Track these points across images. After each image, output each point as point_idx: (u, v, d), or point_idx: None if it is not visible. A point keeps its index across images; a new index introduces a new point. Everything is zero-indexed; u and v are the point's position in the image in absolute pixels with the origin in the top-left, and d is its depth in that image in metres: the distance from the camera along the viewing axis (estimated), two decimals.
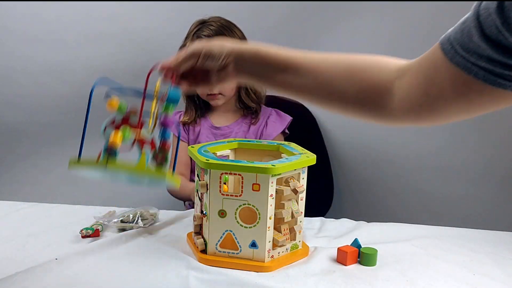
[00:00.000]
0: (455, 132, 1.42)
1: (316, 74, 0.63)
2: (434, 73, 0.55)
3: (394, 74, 0.60)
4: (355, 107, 0.63)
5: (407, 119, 0.60)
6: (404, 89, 0.58)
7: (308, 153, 0.87)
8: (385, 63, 0.62)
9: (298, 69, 0.65)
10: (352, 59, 0.63)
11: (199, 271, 0.79)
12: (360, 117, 0.64)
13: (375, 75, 0.61)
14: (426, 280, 0.78)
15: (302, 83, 0.65)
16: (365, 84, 0.61)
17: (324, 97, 0.65)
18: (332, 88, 0.63)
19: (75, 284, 0.74)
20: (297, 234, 0.85)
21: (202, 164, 0.80)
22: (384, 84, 0.60)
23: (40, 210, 1.07)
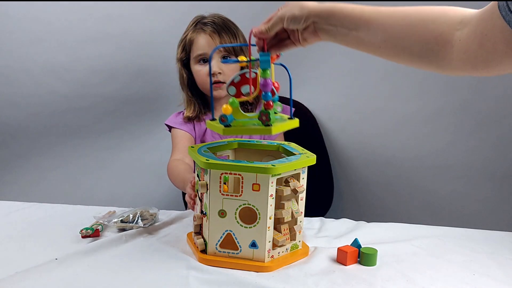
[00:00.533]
0: (455, 132, 1.42)
1: (385, 29, 0.68)
2: (490, 28, 0.57)
3: (456, 26, 0.62)
4: (419, 58, 0.66)
5: (464, 69, 0.63)
6: (463, 40, 0.61)
7: (308, 153, 0.87)
8: (450, 14, 0.64)
9: (369, 25, 0.69)
10: (418, 11, 0.66)
11: (199, 271, 0.79)
12: (422, 67, 0.68)
13: (439, 27, 0.63)
14: (426, 280, 0.78)
15: (372, 39, 0.69)
16: (429, 36, 0.64)
17: (392, 51, 0.69)
18: (398, 42, 0.67)
19: (75, 284, 0.74)
20: (297, 234, 0.85)
21: (202, 164, 0.80)
22: (446, 35, 0.62)
23: (40, 210, 1.07)
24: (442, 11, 0.65)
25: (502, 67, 0.59)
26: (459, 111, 1.40)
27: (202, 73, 1.21)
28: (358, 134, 1.55)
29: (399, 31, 0.66)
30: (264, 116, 0.75)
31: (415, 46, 0.65)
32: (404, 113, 1.48)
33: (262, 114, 0.75)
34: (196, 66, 1.22)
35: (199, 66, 1.21)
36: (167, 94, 1.61)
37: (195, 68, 1.22)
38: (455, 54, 0.62)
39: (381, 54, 0.71)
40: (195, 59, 1.21)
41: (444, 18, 0.63)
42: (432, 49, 0.64)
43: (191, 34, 1.22)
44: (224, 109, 0.77)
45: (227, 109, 0.77)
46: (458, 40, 0.61)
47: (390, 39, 0.67)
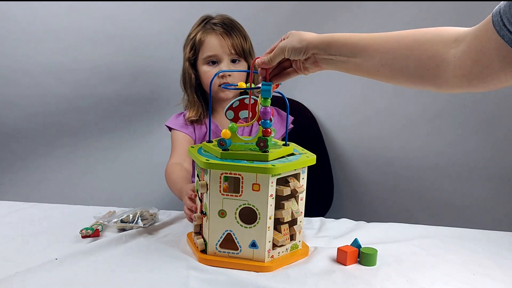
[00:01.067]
0: (455, 132, 1.42)
1: (381, 53, 0.70)
2: (485, 43, 0.58)
3: (451, 44, 0.63)
4: (416, 79, 0.68)
5: (460, 86, 0.64)
6: (458, 57, 0.61)
7: (308, 153, 0.87)
8: (444, 33, 0.65)
9: (366, 51, 0.71)
10: (412, 34, 0.68)
11: (199, 271, 0.79)
12: (419, 87, 0.70)
13: (434, 47, 0.65)
14: (426, 280, 0.78)
15: (370, 64, 0.72)
16: (424, 56, 0.65)
17: (390, 74, 0.71)
18: (395, 65, 0.69)
19: (75, 284, 0.74)
20: (297, 234, 0.85)
21: (202, 164, 0.80)
22: (441, 54, 0.64)
23: (40, 210, 1.07)
24: (436, 31, 0.66)
25: (498, 81, 0.59)
26: (459, 112, 1.40)
27: (210, 75, 1.18)
28: (358, 134, 1.55)
29: (395, 54, 0.68)
30: (262, 143, 0.80)
31: (411, 67, 0.67)
32: (404, 114, 1.48)
33: (260, 140, 0.80)
34: (204, 67, 1.19)
35: (207, 67, 1.19)
36: (167, 95, 1.61)
37: (203, 69, 1.20)
38: (451, 71, 0.63)
39: (380, 78, 0.73)
40: (204, 60, 1.19)
41: (438, 37, 0.65)
42: (428, 69, 0.65)
43: (200, 34, 1.19)
44: (223, 133, 0.80)
45: (226, 133, 0.80)
46: (453, 57, 0.62)
47: (387, 63, 0.69)
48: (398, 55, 0.68)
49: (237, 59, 1.19)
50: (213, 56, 1.17)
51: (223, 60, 1.17)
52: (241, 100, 0.86)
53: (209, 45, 1.17)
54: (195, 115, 1.23)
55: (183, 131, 1.24)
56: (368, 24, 1.46)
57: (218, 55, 1.17)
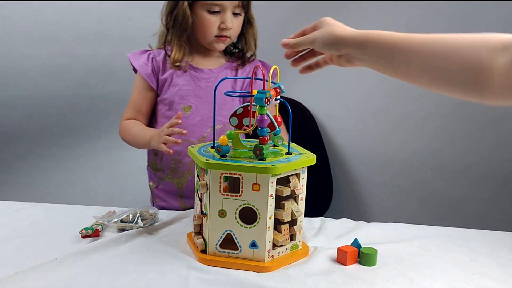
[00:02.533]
0: (456, 132, 1.42)
1: (422, 57, 0.65)
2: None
3: (498, 52, 0.59)
4: (458, 87, 0.64)
5: (506, 97, 0.60)
6: (504, 66, 0.58)
7: (308, 153, 0.87)
8: (490, 40, 0.61)
9: (405, 54, 0.67)
10: (455, 38, 0.64)
11: (199, 271, 0.79)
12: (460, 95, 0.65)
13: (479, 54, 0.60)
14: (426, 280, 0.78)
15: (409, 68, 0.68)
16: (468, 63, 0.61)
17: (428, 80, 0.67)
18: (436, 70, 0.65)
19: (75, 284, 0.74)
20: (297, 234, 0.85)
21: (202, 164, 0.80)
22: (487, 61, 0.60)
23: (40, 210, 1.07)
24: (481, 37, 0.62)
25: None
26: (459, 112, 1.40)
27: (211, 22, 1.09)
28: (358, 134, 1.55)
29: (436, 59, 0.64)
30: (258, 151, 0.79)
31: (453, 74, 0.62)
32: (404, 113, 1.48)
33: (257, 148, 0.79)
34: (204, 13, 1.10)
35: (208, 15, 1.09)
36: None
37: (202, 15, 1.10)
38: (498, 81, 0.59)
39: (419, 83, 0.69)
40: (205, 6, 1.09)
41: (484, 43, 0.61)
42: (472, 77, 0.61)
43: None
44: (221, 140, 0.80)
45: (224, 140, 0.80)
46: (501, 66, 0.58)
47: (427, 67, 0.65)
48: (440, 60, 0.64)
49: (239, 12, 1.12)
50: (217, 5, 1.08)
51: (226, 11, 1.09)
52: (245, 107, 0.86)
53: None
54: (179, 57, 1.14)
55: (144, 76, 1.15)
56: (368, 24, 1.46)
57: (222, 5, 1.08)
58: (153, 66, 1.16)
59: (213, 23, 1.10)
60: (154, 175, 1.23)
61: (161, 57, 1.17)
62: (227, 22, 1.09)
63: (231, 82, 1.18)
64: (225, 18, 1.09)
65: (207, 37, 1.13)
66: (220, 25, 1.10)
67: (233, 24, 1.11)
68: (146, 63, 1.16)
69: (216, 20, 1.10)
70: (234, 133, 0.84)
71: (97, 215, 0.99)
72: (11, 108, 1.63)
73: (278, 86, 0.83)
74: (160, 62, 1.17)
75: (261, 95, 0.77)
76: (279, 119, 0.88)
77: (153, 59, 1.17)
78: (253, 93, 0.79)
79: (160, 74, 1.17)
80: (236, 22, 1.12)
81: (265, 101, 0.77)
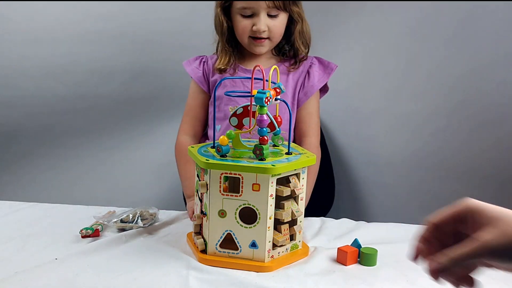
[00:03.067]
0: (456, 132, 1.42)
1: None
2: None
3: None
4: None
5: None
6: None
7: (308, 153, 0.87)
8: None
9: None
10: None
11: (199, 271, 0.79)
12: None
13: None
14: (426, 280, 0.78)
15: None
16: None
17: None
18: None
19: (75, 284, 0.74)
20: (297, 234, 0.85)
21: (202, 164, 0.80)
22: None
23: (40, 210, 1.07)
24: None
25: None
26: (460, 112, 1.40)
27: (243, 26, 1.11)
28: (359, 134, 1.55)
29: None
30: (258, 151, 0.79)
31: None
32: (405, 114, 1.48)
33: (257, 148, 0.79)
34: (238, 17, 1.11)
35: (240, 18, 1.10)
36: (167, 94, 1.61)
37: (236, 19, 1.12)
38: None
39: None
40: (238, 10, 1.10)
41: None
42: None
43: None
44: (221, 140, 0.80)
45: (224, 140, 0.80)
46: None
47: None
48: None
49: (275, 14, 1.10)
50: (248, 8, 1.09)
51: (259, 14, 1.08)
52: (245, 107, 0.86)
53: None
54: (224, 63, 1.16)
55: (197, 81, 1.19)
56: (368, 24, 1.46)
57: (254, 8, 1.08)
58: (204, 69, 1.20)
59: (245, 27, 1.11)
60: None
61: (213, 61, 1.21)
62: (258, 25, 1.09)
63: (284, 80, 1.18)
64: (256, 21, 1.09)
65: (243, 40, 1.14)
66: (252, 27, 1.10)
67: (270, 26, 1.10)
68: (198, 67, 1.21)
69: (248, 24, 1.10)
70: (234, 133, 0.84)
71: (97, 215, 1.00)
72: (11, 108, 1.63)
73: (278, 86, 0.83)
74: (211, 65, 1.20)
75: (261, 95, 0.77)
76: (279, 119, 0.87)
77: (205, 63, 1.21)
78: (253, 93, 0.79)
79: (211, 76, 1.20)
80: (273, 23, 1.11)
81: (265, 101, 0.77)
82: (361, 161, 1.57)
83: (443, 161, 1.45)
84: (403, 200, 1.53)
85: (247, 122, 0.87)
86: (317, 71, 1.19)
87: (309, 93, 1.18)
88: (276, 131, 0.87)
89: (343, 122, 1.56)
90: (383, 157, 1.53)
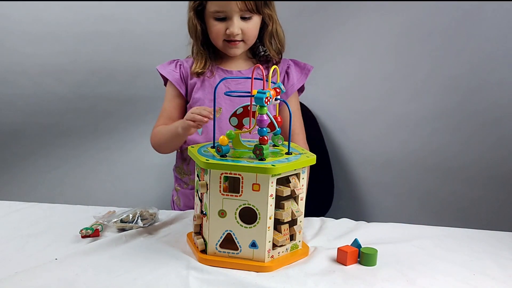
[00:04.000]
0: (456, 132, 1.42)
1: None
2: None
3: None
4: None
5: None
6: None
7: (308, 153, 0.87)
8: None
9: None
10: None
11: (199, 271, 0.79)
12: None
13: None
14: (426, 280, 0.78)
15: None
16: None
17: None
18: None
19: (75, 284, 0.74)
20: (297, 234, 0.85)
21: (202, 164, 0.80)
22: None
23: (40, 210, 1.07)
24: None
25: None
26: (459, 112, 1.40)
27: (216, 29, 1.11)
28: (359, 134, 1.55)
29: None
30: (258, 151, 0.79)
31: None
32: (405, 113, 1.48)
33: (256, 148, 0.79)
34: (211, 20, 1.12)
35: (214, 21, 1.11)
36: None
37: (210, 22, 1.12)
38: None
39: None
40: (211, 14, 1.11)
41: None
42: None
43: None
44: (221, 140, 0.80)
45: (224, 140, 0.80)
46: None
47: None
48: None
49: (249, 16, 1.11)
50: (221, 11, 1.09)
51: (232, 17, 1.09)
52: (245, 107, 0.86)
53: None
54: (202, 68, 1.17)
55: (174, 84, 1.19)
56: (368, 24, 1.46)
57: (226, 12, 1.09)
58: (181, 72, 1.21)
59: (218, 30, 1.12)
60: (180, 180, 1.27)
61: (189, 64, 1.21)
62: (231, 28, 1.10)
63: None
64: (230, 24, 1.10)
65: (217, 43, 1.15)
66: (226, 31, 1.11)
67: (243, 28, 1.11)
68: (174, 70, 1.21)
69: (222, 27, 1.11)
70: (234, 133, 0.84)
71: (97, 215, 1.00)
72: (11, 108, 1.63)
73: (278, 86, 0.83)
74: (188, 68, 1.20)
75: (261, 95, 0.77)
76: (279, 119, 0.88)
77: (181, 65, 1.21)
78: (253, 93, 0.79)
79: (189, 78, 1.20)
80: (247, 26, 1.11)
81: (265, 101, 0.77)
82: (361, 161, 1.57)
83: (442, 161, 1.45)
84: (403, 200, 1.53)
85: (247, 122, 0.87)
86: (295, 72, 1.21)
87: (290, 92, 1.20)
88: (276, 131, 0.87)
89: (342, 122, 1.56)
90: (383, 157, 1.53)
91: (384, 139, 1.52)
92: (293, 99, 1.23)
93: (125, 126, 1.68)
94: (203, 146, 0.90)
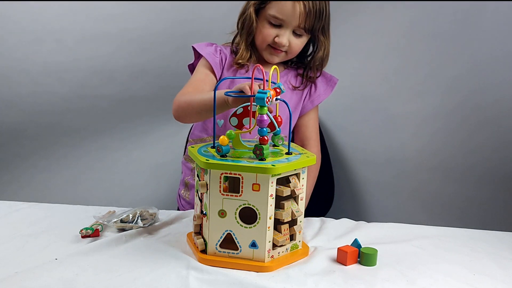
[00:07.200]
0: (456, 132, 1.42)
1: None
2: None
3: None
4: None
5: None
6: None
7: (308, 153, 0.87)
8: None
9: None
10: None
11: (199, 271, 0.79)
12: None
13: None
14: (426, 280, 0.78)
15: None
16: None
17: None
18: None
19: (75, 284, 0.74)
20: (297, 234, 0.85)
21: (202, 164, 0.80)
22: None
23: (40, 210, 1.07)
24: None
25: None
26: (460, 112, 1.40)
27: (267, 33, 1.12)
28: (359, 134, 1.55)
29: None
30: (258, 151, 0.79)
31: None
32: (405, 114, 1.48)
33: (257, 148, 0.79)
34: (265, 23, 1.12)
35: (267, 25, 1.11)
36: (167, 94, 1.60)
37: (263, 24, 1.12)
38: None
39: None
40: (269, 16, 1.10)
41: None
42: None
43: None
44: (221, 140, 0.80)
45: (224, 140, 0.80)
46: None
47: None
48: None
49: (300, 33, 1.12)
50: (279, 19, 1.09)
51: (286, 27, 1.10)
52: (245, 107, 0.86)
53: (282, 7, 1.08)
54: (246, 59, 1.17)
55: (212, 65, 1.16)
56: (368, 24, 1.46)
57: (284, 21, 1.09)
58: (221, 57, 1.19)
59: (268, 35, 1.12)
60: (190, 171, 1.27)
61: (228, 52, 1.21)
62: (281, 38, 1.11)
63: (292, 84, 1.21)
64: (281, 33, 1.11)
65: (261, 45, 1.16)
66: (275, 38, 1.11)
67: (291, 42, 1.13)
68: (214, 54, 1.18)
69: (272, 33, 1.12)
70: (234, 133, 0.84)
71: (97, 215, 1.00)
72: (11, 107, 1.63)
73: (278, 86, 0.84)
74: (228, 56, 1.20)
75: (262, 95, 0.77)
76: (279, 119, 0.88)
77: (221, 51, 1.20)
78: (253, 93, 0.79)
79: (226, 69, 1.20)
80: (295, 41, 1.13)
81: (265, 101, 0.77)
82: (361, 161, 1.57)
83: (443, 161, 1.46)
84: (403, 200, 1.54)
85: (247, 122, 0.87)
86: (322, 83, 1.24)
87: (316, 101, 1.24)
88: (276, 131, 0.87)
89: (343, 122, 1.56)
90: (383, 157, 1.53)
91: (384, 139, 1.52)
92: (315, 108, 1.27)
93: (125, 126, 1.68)
94: (203, 146, 0.90)
